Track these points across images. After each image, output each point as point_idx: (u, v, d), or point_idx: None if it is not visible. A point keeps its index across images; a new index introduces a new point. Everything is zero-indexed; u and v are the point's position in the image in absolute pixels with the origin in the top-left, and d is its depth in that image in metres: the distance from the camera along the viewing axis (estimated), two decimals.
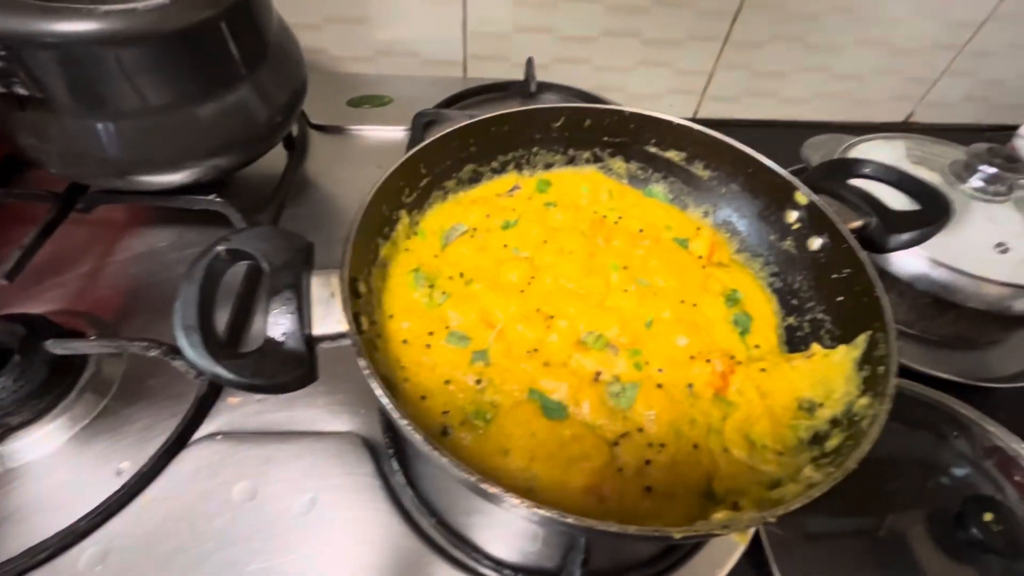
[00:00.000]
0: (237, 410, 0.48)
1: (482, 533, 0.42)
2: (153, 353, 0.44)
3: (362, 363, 0.31)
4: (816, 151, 0.80)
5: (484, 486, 0.26)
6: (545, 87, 0.86)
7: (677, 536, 0.25)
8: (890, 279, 0.66)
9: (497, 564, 0.40)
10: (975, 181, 0.66)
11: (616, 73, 0.98)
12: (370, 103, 0.81)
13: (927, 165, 0.74)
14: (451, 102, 0.81)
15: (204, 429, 0.46)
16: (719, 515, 0.28)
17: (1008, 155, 0.65)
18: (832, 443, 0.33)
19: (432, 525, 0.42)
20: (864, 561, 0.54)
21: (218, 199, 0.56)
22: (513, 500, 0.26)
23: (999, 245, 0.63)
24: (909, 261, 0.64)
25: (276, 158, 0.69)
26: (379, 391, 0.30)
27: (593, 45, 0.93)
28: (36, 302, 0.52)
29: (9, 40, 0.39)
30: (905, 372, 0.66)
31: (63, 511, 0.40)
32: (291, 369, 0.32)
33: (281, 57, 0.57)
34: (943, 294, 0.63)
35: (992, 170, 0.65)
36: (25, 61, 0.41)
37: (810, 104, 1.08)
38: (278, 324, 0.32)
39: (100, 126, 0.46)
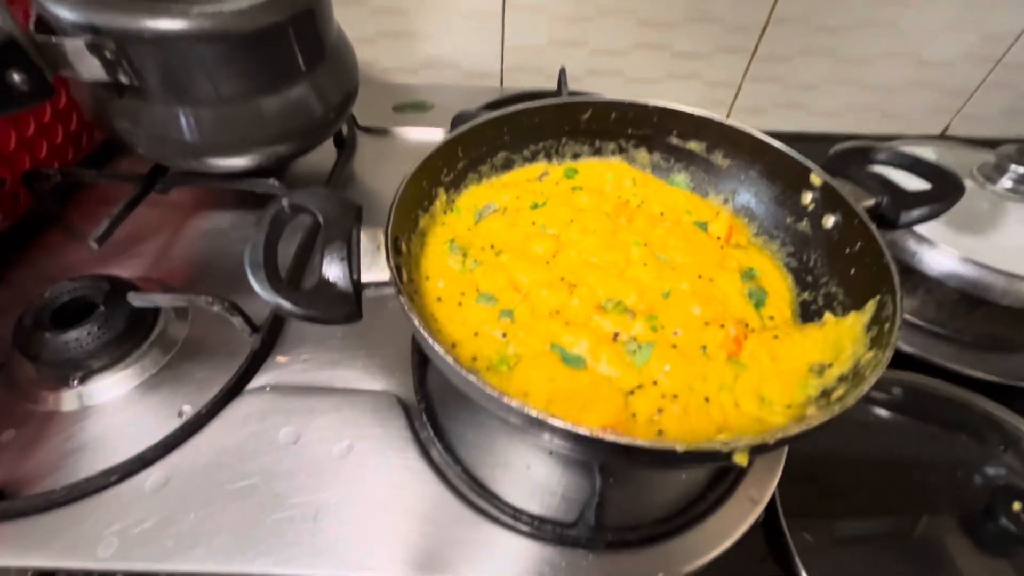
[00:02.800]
0: (285, 368, 0.52)
1: (503, 485, 0.45)
2: (216, 308, 0.49)
3: (402, 300, 0.35)
4: None
5: (505, 400, 0.29)
6: (577, 96, 0.90)
7: (679, 450, 0.27)
8: (919, 276, 0.66)
9: (516, 511, 0.42)
10: (1005, 181, 0.66)
11: (646, 84, 1.02)
12: (413, 108, 0.87)
13: (958, 170, 0.74)
14: (487, 109, 0.86)
15: (255, 382, 0.51)
16: (721, 435, 0.30)
17: None
18: (838, 393, 0.35)
19: (457, 475, 0.45)
20: (895, 562, 0.54)
21: (276, 183, 0.62)
22: (530, 411, 0.29)
23: None
24: (938, 259, 0.64)
25: (327, 155, 0.75)
26: (416, 322, 0.33)
27: (624, 58, 0.98)
28: (118, 269, 0.59)
29: (119, 35, 0.46)
30: (938, 372, 0.65)
31: (132, 443, 0.45)
32: (340, 306, 0.36)
33: (338, 61, 0.63)
34: (973, 291, 0.63)
35: (1023, 170, 0.65)
36: (129, 54, 0.48)
37: (842, 117, 1.09)
38: (331, 268, 0.37)
39: (182, 113, 0.53)
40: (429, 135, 0.83)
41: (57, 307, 0.50)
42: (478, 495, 0.44)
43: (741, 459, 0.28)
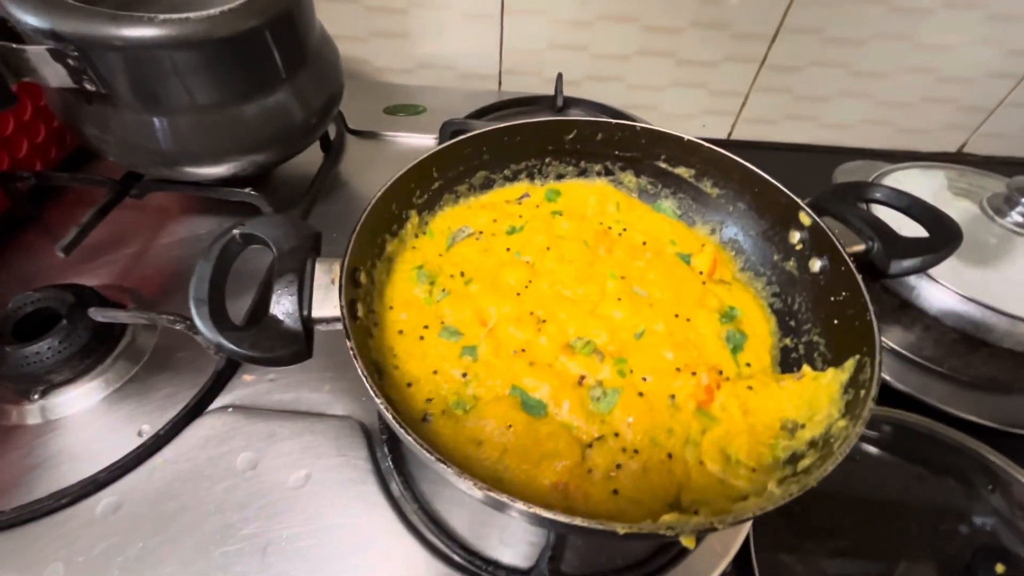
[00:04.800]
0: (250, 387, 0.51)
1: (462, 523, 0.43)
2: (179, 326, 0.48)
3: (349, 344, 0.33)
4: (848, 178, 0.78)
5: (441, 465, 0.28)
6: (573, 102, 0.87)
7: (620, 532, 0.25)
8: (916, 312, 0.63)
9: (471, 555, 0.41)
10: (1015, 216, 0.63)
11: (649, 92, 0.99)
12: (405, 111, 0.85)
13: (970, 198, 0.71)
14: (481, 114, 0.84)
15: (219, 401, 0.50)
16: (667, 516, 0.28)
17: None
18: (804, 463, 0.33)
19: (414, 511, 0.43)
20: None
21: (253, 192, 0.61)
22: (466, 481, 0.27)
23: None
24: (938, 296, 0.62)
25: (313, 158, 0.73)
26: (361, 371, 0.32)
27: (626, 63, 0.94)
28: (89, 276, 0.58)
29: (81, 43, 0.45)
30: (931, 413, 0.63)
31: (88, 462, 0.45)
32: (287, 345, 0.34)
33: (320, 64, 0.61)
34: (974, 332, 0.60)
35: None
36: (93, 61, 0.46)
37: (853, 130, 1.05)
38: (280, 304, 0.35)
39: (154, 120, 0.51)
40: (420, 140, 0.81)
41: (20, 319, 0.49)
42: (434, 534, 0.42)
43: (688, 542, 0.26)
